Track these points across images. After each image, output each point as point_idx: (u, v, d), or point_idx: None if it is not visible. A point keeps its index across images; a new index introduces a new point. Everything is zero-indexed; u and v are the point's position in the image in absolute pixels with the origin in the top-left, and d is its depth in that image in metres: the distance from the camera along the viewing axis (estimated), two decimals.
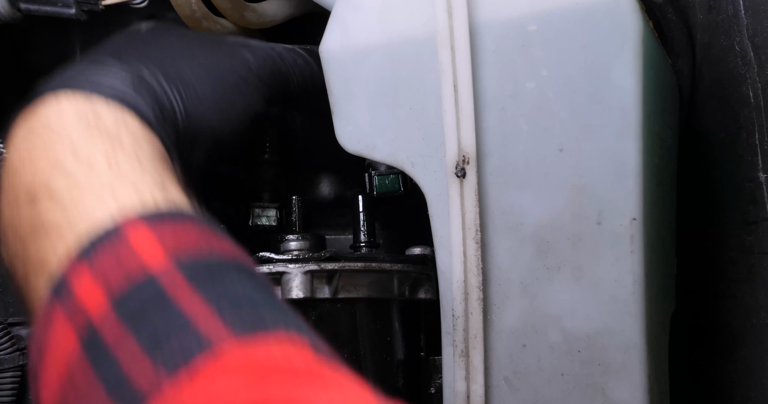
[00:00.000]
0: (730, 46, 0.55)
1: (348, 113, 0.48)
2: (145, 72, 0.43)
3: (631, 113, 0.44)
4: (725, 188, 0.58)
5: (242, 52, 0.49)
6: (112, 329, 0.30)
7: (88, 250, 0.32)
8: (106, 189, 0.35)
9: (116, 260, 0.32)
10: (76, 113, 0.38)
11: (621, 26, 0.43)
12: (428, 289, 0.53)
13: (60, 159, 0.36)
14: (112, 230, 0.33)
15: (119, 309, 0.31)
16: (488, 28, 0.45)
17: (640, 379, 0.44)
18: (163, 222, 0.33)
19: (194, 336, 0.29)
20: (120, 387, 0.29)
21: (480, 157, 0.45)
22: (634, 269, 0.44)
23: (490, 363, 0.46)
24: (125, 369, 0.29)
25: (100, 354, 0.30)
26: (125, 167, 0.36)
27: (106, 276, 0.31)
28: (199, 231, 0.34)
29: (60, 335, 0.31)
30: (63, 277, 0.32)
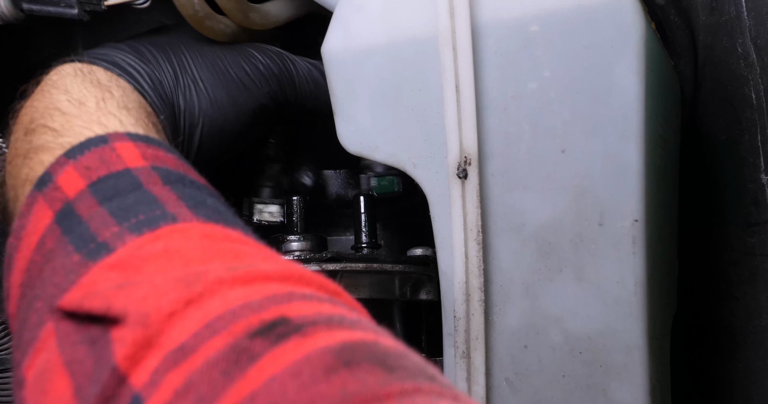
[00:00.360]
0: (732, 48, 0.55)
1: (350, 113, 0.48)
2: (157, 57, 0.46)
3: (634, 114, 0.44)
4: (727, 190, 0.58)
5: (250, 49, 0.51)
6: (86, 202, 0.33)
7: (75, 152, 0.35)
8: (94, 120, 0.38)
9: (99, 158, 0.35)
10: (73, 70, 0.42)
11: (623, 27, 0.43)
12: (430, 290, 0.52)
13: (55, 100, 0.40)
14: (100, 138, 0.36)
15: (95, 188, 0.33)
16: (490, 28, 0.45)
17: (641, 380, 0.44)
18: (146, 143, 0.36)
19: (161, 212, 0.32)
20: (87, 243, 0.31)
21: (482, 158, 0.45)
22: (636, 270, 0.44)
23: (492, 364, 0.46)
24: (93, 229, 0.31)
25: (71, 222, 0.32)
26: (112, 108, 0.40)
27: (88, 168, 0.34)
28: (176, 159, 0.37)
29: (37, 215, 0.33)
30: (47, 173, 0.35)
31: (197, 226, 0.31)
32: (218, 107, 0.48)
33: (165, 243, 0.30)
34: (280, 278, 0.28)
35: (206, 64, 0.48)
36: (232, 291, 0.27)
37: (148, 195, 0.33)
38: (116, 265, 0.29)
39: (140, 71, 0.45)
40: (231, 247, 0.30)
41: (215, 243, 0.30)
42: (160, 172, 0.34)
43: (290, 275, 0.28)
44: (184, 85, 0.47)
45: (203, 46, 0.49)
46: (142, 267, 0.29)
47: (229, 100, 0.48)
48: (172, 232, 0.31)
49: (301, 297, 0.27)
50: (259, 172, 0.56)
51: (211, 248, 0.30)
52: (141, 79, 0.45)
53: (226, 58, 0.49)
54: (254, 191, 0.55)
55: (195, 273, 0.28)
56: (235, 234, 0.32)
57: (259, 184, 0.55)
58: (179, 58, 0.47)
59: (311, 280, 0.29)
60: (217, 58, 0.49)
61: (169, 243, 0.30)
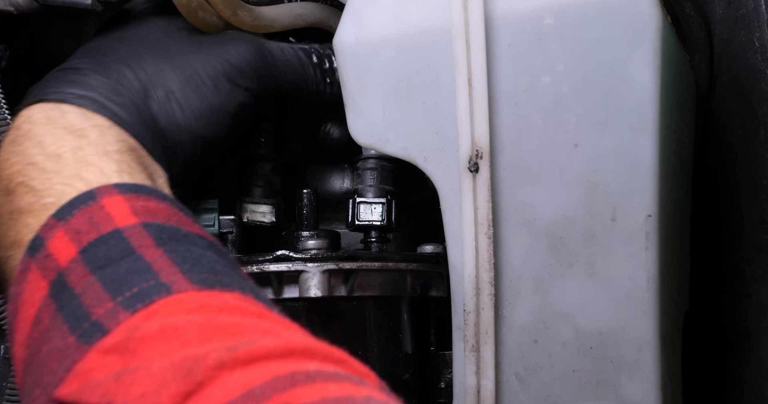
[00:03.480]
0: (749, 42, 0.54)
1: (361, 106, 0.48)
2: (126, 75, 0.44)
3: (648, 109, 0.43)
4: (742, 186, 0.57)
5: (225, 46, 0.48)
6: (78, 273, 0.32)
7: (64, 212, 0.35)
8: (74, 175, 0.37)
9: (89, 219, 0.34)
10: (44, 116, 0.40)
11: (639, 20, 0.43)
12: (440, 288, 0.52)
13: (30, 156, 0.38)
14: (88, 194, 0.35)
15: (85, 256, 0.32)
16: (504, 21, 0.44)
17: (652, 377, 0.44)
18: (136, 194, 0.36)
19: (155, 282, 0.31)
20: (81, 323, 0.30)
21: (493, 152, 0.45)
22: (648, 266, 0.44)
23: (501, 358, 0.46)
24: (87, 307, 0.30)
25: (65, 296, 0.31)
26: (91, 158, 0.38)
27: (78, 230, 0.33)
28: (168, 207, 0.36)
29: (32, 285, 0.33)
30: (38, 237, 0.34)
31: (193, 297, 0.30)
32: (196, 118, 0.45)
33: (161, 322, 0.29)
34: (282, 354, 0.27)
35: (176, 73, 0.45)
36: (232, 377, 0.26)
37: (140, 262, 0.32)
38: (112, 349, 0.29)
39: (113, 98, 0.42)
40: (229, 322, 0.29)
41: (213, 318, 0.29)
42: (151, 231, 0.33)
43: (292, 350, 0.27)
44: (158, 100, 0.44)
45: (171, 50, 0.46)
46: (139, 351, 0.28)
47: (206, 107, 0.46)
48: (168, 306, 0.30)
49: (305, 379, 0.26)
50: (250, 172, 0.55)
51: (209, 325, 0.29)
52: (116, 107, 0.42)
53: (197, 61, 0.46)
54: (245, 190, 0.54)
55: (193, 358, 0.26)
56: (233, 300, 0.31)
57: (251, 184, 0.54)
58: (148, 72, 0.44)
59: (315, 352, 0.28)
60: (188, 64, 0.46)
61: (166, 322, 0.29)
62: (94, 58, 0.44)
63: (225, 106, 0.47)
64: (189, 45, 0.47)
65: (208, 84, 0.46)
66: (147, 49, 0.46)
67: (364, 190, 0.53)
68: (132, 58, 0.45)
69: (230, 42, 0.48)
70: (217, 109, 0.46)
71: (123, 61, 0.44)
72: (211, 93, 0.46)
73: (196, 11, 0.47)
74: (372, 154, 0.54)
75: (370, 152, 0.54)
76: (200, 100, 0.46)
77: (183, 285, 0.31)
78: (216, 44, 0.48)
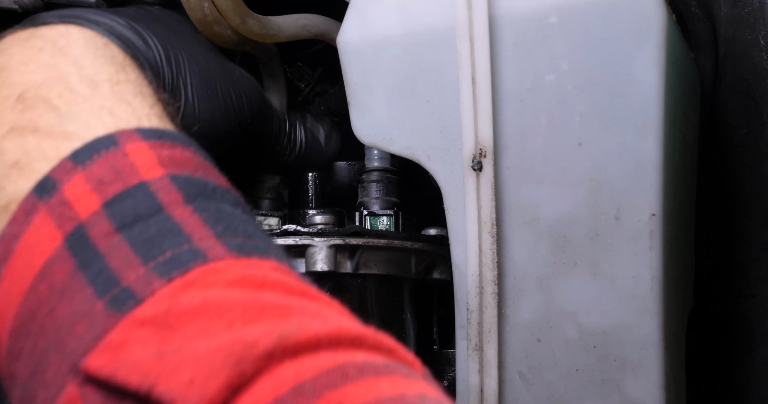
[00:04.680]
0: (754, 41, 0.54)
1: (365, 105, 0.48)
2: (150, 39, 0.42)
3: (653, 108, 0.43)
4: (747, 185, 0.57)
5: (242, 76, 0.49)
6: (101, 229, 0.29)
7: (82, 155, 0.31)
8: (106, 106, 0.33)
9: (112, 167, 0.30)
10: (85, 39, 0.37)
11: (644, 19, 0.43)
12: (443, 270, 0.53)
13: (62, 72, 0.34)
14: (109, 139, 0.31)
15: (110, 211, 0.29)
16: (508, 19, 0.44)
17: (656, 376, 0.44)
18: (160, 141, 0.32)
19: (188, 247, 0.28)
20: (109, 287, 0.27)
21: (497, 151, 0.45)
22: (652, 265, 0.44)
23: (505, 357, 0.46)
24: (115, 270, 0.27)
25: (87, 253, 0.28)
26: (127, 95, 0.34)
27: (101, 180, 0.30)
28: (194, 156, 0.33)
29: (40, 230, 0.29)
30: (50, 177, 0.30)
31: (232, 266, 0.28)
32: (199, 121, 0.44)
33: (202, 295, 0.26)
34: (331, 343, 0.25)
35: (198, 74, 0.44)
36: (281, 369, 0.24)
37: (170, 222, 0.29)
38: (148, 322, 0.26)
39: (147, 60, 0.41)
40: (275, 302, 0.26)
41: (258, 297, 0.26)
42: (179, 184, 0.30)
43: (341, 338, 0.25)
44: (177, 88, 0.43)
45: (199, 54, 0.45)
46: (180, 327, 0.25)
47: (209, 118, 0.45)
48: (206, 276, 0.27)
49: (356, 374, 0.24)
50: (258, 184, 0.55)
51: (254, 303, 0.26)
52: (146, 67, 0.40)
53: (217, 75, 0.46)
54: (254, 203, 0.54)
55: (243, 344, 0.24)
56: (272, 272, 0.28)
57: (260, 196, 0.55)
58: (177, 59, 0.43)
59: (364, 340, 0.26)
60: (210, 73, 0.45)
61: (208, 297, 0.26)
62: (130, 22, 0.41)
63: (226, 123, 0.47)
64: (213, 58, 0.47)
65: (220, 98, 0.46)
66: (180, 42, 0.44)
67: (370, 203, 0.54)
68: (166, 40, 0.43)
69: (244, 75, 0.49)
70: (219, 122, 0.46)
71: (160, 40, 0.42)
72: (220, 107, 0.46)
73: (212, 25, 0.47)
74: (376, 167, 0.55)
75: (373, 164, 0.55)
76: (210, 110, 0.45)
77: (219, 251, 0.28)
78: (234, 70, 0.49)
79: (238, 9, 0.47)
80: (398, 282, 0.51)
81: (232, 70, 0.49)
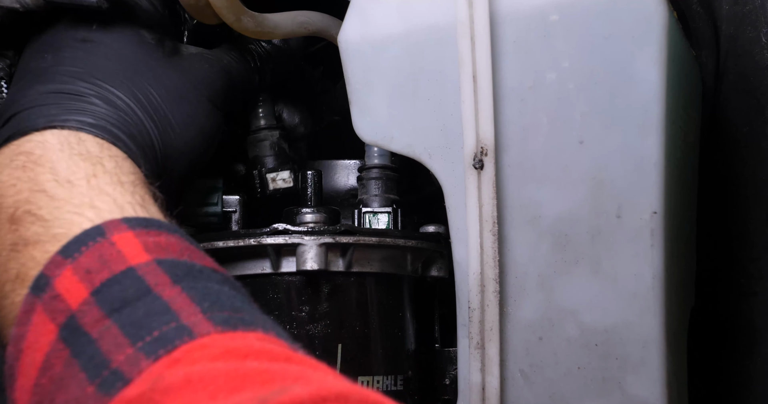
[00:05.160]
0: (756, 38, 0.54)
1: (366, 104, 0.48)
2: (128, 103, 0.43)
3: (654, 106, 0.43)
4: (748, 184, 0.57)
5: (202, 69, 0.48)
6: (92, 315, 0.30)
7: (71, 249, 0.33)
8: (86, 203, 0.35)
9: (99, 257, 0.32)
10: (59, 142, 0.39)
11: (645, 17, 0.43)
12: (441, 267, 0.53)
13: (40, 182, 0.37)
14: (96, 230, 0.33)
15: (99, 297, 0.31)
16: (509, 17, 0.44)
17: (658, 374, 0.44)
18: (146, 229, 0.34)
19: (176, 324, 0.29)
20: (100, 371, 0.29)
21: (498, 149, 0.45)
22: (654, 263, 0.44)
23: (506, 355, 0.46)
24: (105, 353, 0.29)
25: (79, 340, 0.30)
26: (105, 186, 0.37)
27: (88, 270, 0.32)
28: (179, 241, 0.34)
29: (38, 327, 0.31)
30: (43, 275, 0.32)
31: (217, 341, 0.29)
32: (188, 141, 0.46)
33: (186, 371, 0.27)
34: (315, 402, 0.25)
35: (170, 95, 0.45)
36: None
37: (158, 302, 0.30)
38: (135, 401, 0.27)
39: (124, 129, 0.42)
40: (257, 369, 0.27)
41: (240, 366, 0.27)
42: (166, 267, 0.32)
43: (325, 397, 0.26)
44: (162, 130, 0.44)
45: (159, 72, 0.45)
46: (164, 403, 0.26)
47: (198, 131, 0.46)
48: (191, 352, 0.28)
49: None
50: (260, 143, 0.55)
51: (236, 373, 0.27)
52: (127, 139, 0.41)
53: (183, 83, 0.46)
54: (260, 163, 0.54)
55: None
56: (257, 342, 0.29)
57: (263, 154, 0.55)
58: (149, 100, 0.44)
59: (348, 397, 0.26)
60: (175, 85, 0.46)
61: (191, 372, 0.27)
62: (89, 82, 0.43)
63: (211, 127, 0.48)
64: (170, 66, 0.46)
65: (196, 104, 0.47)
66: (137, 71, 0.44)
67: (369, 200, 0.54)
68: (128, 81, 0.44)
69: (204, 63, 0.49)
70: (204, 128, 0.47)
71: (121, 87, 0.43)
72: (199, 113, 0.47)
73: (203, 10, 0.47)
74: (375, 164, 0.55)
75: (373, 161, 0.55)
76: (192, 121, 0.46)
77: (205, 327, 0.29)
78: (192, 66, 0.48)
79: (233, 6, 0.47)
80: (395, 280, 0.51)
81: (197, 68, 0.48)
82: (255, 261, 0.49)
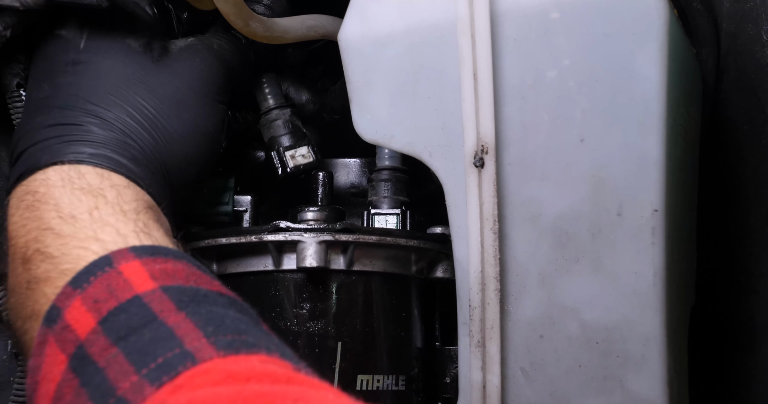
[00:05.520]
0: (757, 36, 0.54)
1: (366, 102, 0.48)
2: (127, 124, 0.43)
3: (655, 104, 0.43)
4: (749, 181, 0.57)
5: (195, 65, 0.48)
6: (99, 344, 0.31)
7: (81, 279, 0.34)
8: (90, 237, 0.36)
9: (107, 286, 0.33)
10: (60, 178, 0.40)
11: (646, 14, 0.43)
12: (446, 269, 0.52)
13: (46, 220, 0.38)
14: (105, 260, 0.34)
15: (106, 326, 0.32)
16: (510, 15, 0.44)
17: (659, 372, 0.44)
18: (153, 257, 0.35)
19: (180, 350, 0.30)
20: (106, 398, 0.29)
21: (499, 147, 0.45)
22: (655, 261, 0.44)
23: (507, 353, 0.46)
24: (112, 381, 0.30)
25: (87, 369, 0.31)
26: (108, 218, 0.38)
27: (96, 299, 0.33)
28: (186, 267, 0.35)
29: (51, 358, 0.32)
30: (54, 307, 0.33)
31: (219, 366, 0.29)
32: (195, 146, 0.46)
33: (188, 397, 0.28)
34: None
35: (165, 103, 0.45)
36: None
37: (163, 328, 0.31)
38: None
39: (125, 153, 0.42)
40: (258, 392, 0.28)
41: (241, 390, 0.28)
42: (171, 294, 0.33)
43: None
44: (161, 140, 0.44)
45: (150, 82, 0.45)
46: None
47: (201, 133, 0.46)
48: (194, 378, 0.29)
49: None
50: (273, 122, 0.54)
51: (238, 397, 0.27)
52: (129, 163, 0.42)
53: (177, 86, 0.46)
54: (276, 143, 0.54)
55: None
56: (259, 364, 0.30)
57: (278, 134, 0.54)
58: (145, 115, 0.44)
59: None
60: (169, 91, 0.46)
61: (193, 398, 0.28)
62: (84, 109, 0.43)
63: (214, 125, 0.48)
64: (161, 71, 0.46)
65: (193, 105, 0.46)
66: (128, 86, 0.45)
67: (378, 201, 0.54)
68: (121, 100, 0.44)
69: (196, 58, 0.48)
70: (206, 128, 0.47)
71: (115, 107, 0.44)
72: (198, 114, 0.47)
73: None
74: (386, 165, 0.54)
75: (384, 163, 0.55)
76: (193, 124, 0.46)
77: (208, 352, 0.30)
78: (184, 63, 0.47)
79: (241, 12, 0.47)
80: (399, 280, 0.51)
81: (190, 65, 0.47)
82: (257, 258, 0.49)
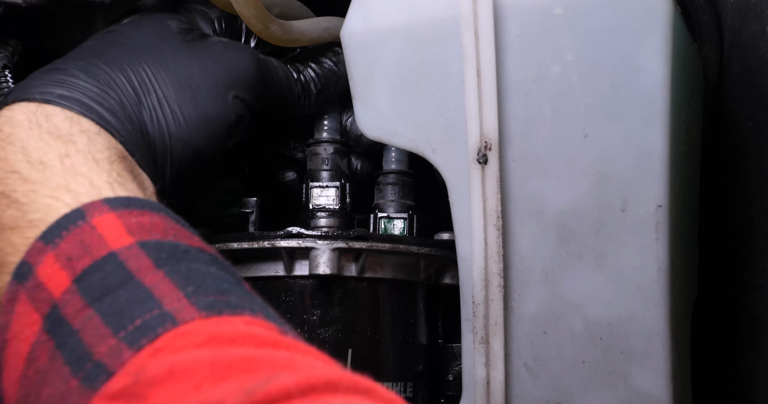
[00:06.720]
0: (761, 31, 0.54)
1: (368, 98, 0.48)
2: (116, 79, 0.42)
3: (658, 99, 0.43)
4: (752, 177, 0.57)
5: (225, 54, 0.46)
6: (74, 305, 0.30)
7: (52, 234, 0.32)
8: (62, 186, 0.34)
9: (80, 242, 0.31)
10: (27, 119, 0.37)
11: (649, 10, 0.43)
12: (454, 275, 0.52)
13: (12, 162, 0.36)
14: (77, 213, 0.32)
15: (80, 286, 0.30)
16: (513, 11, 0.44)
17: (663, 367, 0.44)
18: (128, 209, 0.33)
19: (159, 312, 0.29)
20: (83, 364, 0.28)
21: (502, 143, 0.45)
22: (658, 256, 0.43)
23: (511, 349, 0.46)
24: (88, 345, 0.28)
25: (62, 331, 0.29)
26: (80, 166, 0.35)
27: (69, 256, 0.31)
28: (164, 221, 0.33)
29: (23, 317, 0.31)
30: (25, 263, 0.32)
31: (201, 327, 0.28)
32: (189, 127, 0.43)
33: (169, 361, 0.27)
34: (303, 391, 0.25)
35: (171, 78, 0.43)
36: None
37: (140, 289, 0.29)
38: (119, 395, 0.26)
39: (101, 101, 0.40)
40: (243, 356, 0.27)
41: (225, 353, 0.27)
42: (149, 250, 0.31)
43: (313, 385, 0.25)
44: (150, 107, 0.42)
45: (166, 56, 0.44)
46: (148, 396, 0.26)
47: (201, 117, 0.43)
48: (175, 340, 0.28)
49: None
50: (314, 155, 0.53)
51: (221, 362, 0.26)
52: (104, 111, 0.39)
53: (194, 68, 0.44)
54: (309, 176, 0.53)
55: None
56: (244, 326, 0.29)
57: (315, 168, 0.53)
58: (140, 77, 0.42)
59: (338, 384, 0.25)
60: (184, 70, 0.44)
61: (174, 361, 0.26)
62: (83, 60, 0.42)
63: (221, 117, 0.45)
64: (184, 51, 0.45)
65: (205, 93, 0.44)
66: (140, 54, 0.43)
67: (385, 205, 0.54)
68: (124, 61, 0.42)
69: (230, 50, 0.46)
70: (212, 119, 0.44)
71: (114, 64, 0.42)
72: (208, 102, 0.44)
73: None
74: (392, 169, 0.54)
75: (390, 166, 0.54)
76: (195, 108, 0.44)
77: (189, 313, 0.29)
78: (214, 52, 0.45)
79: (261, 15, 0.46)
80: (408, 287, 0.51)
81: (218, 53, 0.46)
82: (269, 263, 0.49)
